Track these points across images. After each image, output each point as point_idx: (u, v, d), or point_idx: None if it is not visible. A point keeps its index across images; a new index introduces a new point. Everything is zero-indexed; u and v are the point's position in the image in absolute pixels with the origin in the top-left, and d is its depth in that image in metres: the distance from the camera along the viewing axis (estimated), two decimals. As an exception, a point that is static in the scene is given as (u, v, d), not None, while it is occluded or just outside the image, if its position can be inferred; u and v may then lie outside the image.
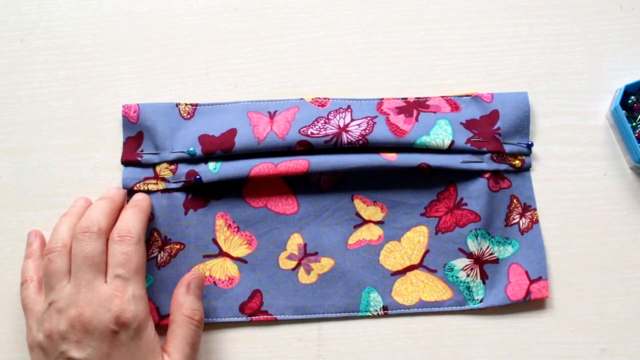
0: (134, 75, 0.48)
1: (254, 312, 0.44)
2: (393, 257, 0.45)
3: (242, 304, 0.44)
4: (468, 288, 0.45)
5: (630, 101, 0.45)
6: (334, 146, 0.45)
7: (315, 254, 0.45)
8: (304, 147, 0.45)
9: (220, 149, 0.45)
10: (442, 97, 0.46)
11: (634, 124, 0.45)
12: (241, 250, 0.45)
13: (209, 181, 0.44)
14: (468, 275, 0.45)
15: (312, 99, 0.46)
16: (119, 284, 0.38)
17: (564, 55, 0.48)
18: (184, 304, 0.40)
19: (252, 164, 0.45)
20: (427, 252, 0.45)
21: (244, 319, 0.44)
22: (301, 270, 0.45)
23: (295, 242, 0.45)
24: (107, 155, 0.47)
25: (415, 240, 0.45)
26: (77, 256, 0.39)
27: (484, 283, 0.44)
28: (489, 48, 0.48)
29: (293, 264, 0.45)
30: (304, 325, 0.45)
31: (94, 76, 0.48)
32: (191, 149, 0.45)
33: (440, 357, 0.44)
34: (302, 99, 0.46)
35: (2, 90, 0.48)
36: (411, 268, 0.45)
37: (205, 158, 0.45)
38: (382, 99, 0.46)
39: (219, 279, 0.45)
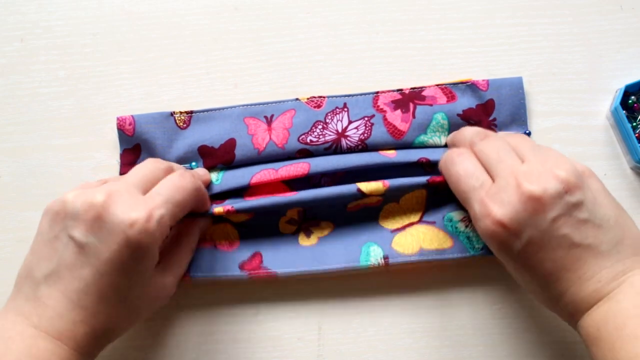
0: (134, 75, 0.48)
1: (253, 269, 0.44)
2: (392, 217, 0.45)
3: (242, 263, 0.45)
4: (468, 238, 0.44)
5: (630, 101, 0.45)
6: (334, 152, 0.45)
7: (315, 218, 0.46)
8: (304, 155, 0.45)
9: (221, 162, 0.46)
10: (437, 85, 0.46)
11: (634, 124, 0.45)
12: (241, 217, 0.45)
13: (212, 193, 0.45)
14: (467, 226, 0.44)
15: (308, 99, 0.46)
16: (155, 199, 0.37)
17: (564, 55, 0.48)
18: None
19: (252, 171, 0.45)
20: (425, 212, 0.45)
21: (244, 274, 0.44)
22: (301, 234, 0.45)
23: (295, 209, 0.46)
24: (107, 155, 0.47)
25: (414, 201, 0.45)
26: (138, 167, 0.40)
27: None
28: (489, 48, 0.48)
29: (293, 228, 0.46)
30: (304, 325, 0.45)
31: (94, 76, 0.48)
32: (193, 163, 0.45)
33: (440, 357, 0.44)
34: (297, 99, 0.46)
35: (2, 90, 0.48)
36: (410, 225, 0.45)
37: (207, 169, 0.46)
38: (377, 93, 0.46)
39: (219, 242, 0.45)
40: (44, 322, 0.35)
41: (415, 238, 0.45)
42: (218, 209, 0.43)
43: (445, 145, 0.45)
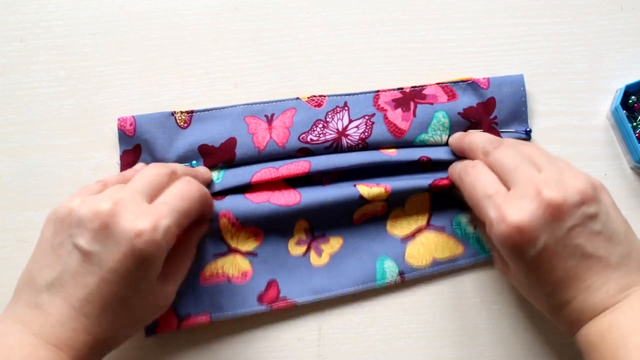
0: (134, 75, 0.48)
1: (273, 301, 0.44)
2: (400, 224, 0.45)
3: (260, 295, 0.44)
4: (478, 240, 0.45)
5: (630, 101, 0.45)
6: (334, 151, 0.45)
7: (323, 235, 0.45)
8: (304, 154, 0.45)
9: (222, 161, 0.45)
10: (438, 84, 0.46)
11: (635, 124, 0.45)
12: (249, 244, 0.45)
13: (212, 192, 0.45)
14: (476, 227, 0.45)
15: (308, 98, 0.46)
16: (161, 208, 0.36)
17: (564, 55, 0.48)
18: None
19: (253, 169, 0.45)
20: (431, 215, 0.45)
21: (263, 308, 0.44)
22: (312, 253, 0.45)
23: (301, 227, 0.45)
24: (107, 155, 0.47)
25: (419, 203, 0.45)
26: (142, 173, 0.39)
27: None
28: (489, 48, 0.48)
29: (303, 249, 0.45)
30: (304, 325, 0.45)
31: (94, 76, 0.48)
32: (194, 162, 0.45)
33: (440, 357, 0.44)
34: (297, 98, 0.46)
35: (2, 90, 0.48)
36: (419, 230, 0.45)
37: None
38: (378, 92, 0.46)
39: (233, 275, 0.45)
40: (44, 330, 0.34)
41: (426, 248, 0.45)
42: (223, 220, 0.43)
43: (446, 144, 0.45)
